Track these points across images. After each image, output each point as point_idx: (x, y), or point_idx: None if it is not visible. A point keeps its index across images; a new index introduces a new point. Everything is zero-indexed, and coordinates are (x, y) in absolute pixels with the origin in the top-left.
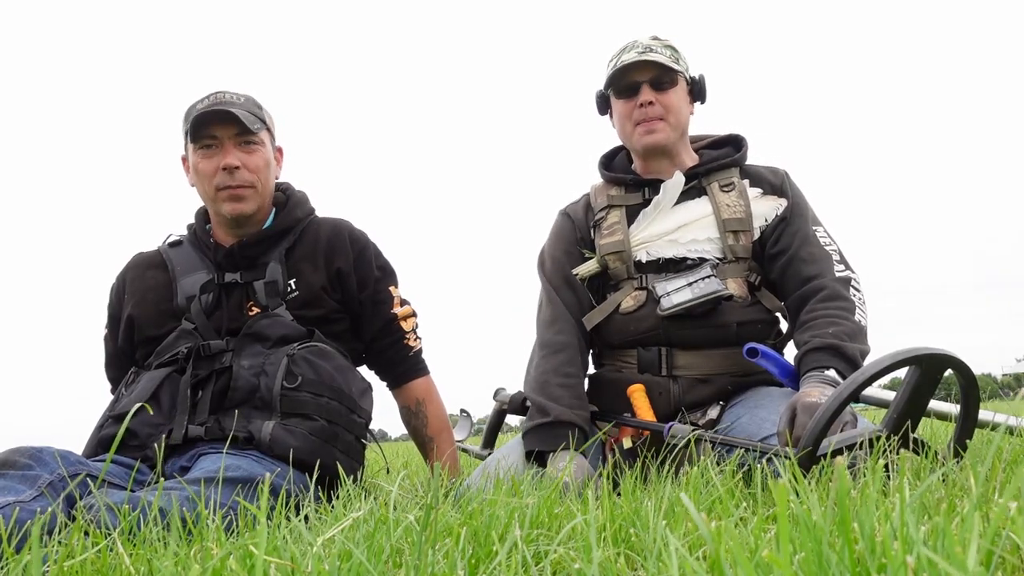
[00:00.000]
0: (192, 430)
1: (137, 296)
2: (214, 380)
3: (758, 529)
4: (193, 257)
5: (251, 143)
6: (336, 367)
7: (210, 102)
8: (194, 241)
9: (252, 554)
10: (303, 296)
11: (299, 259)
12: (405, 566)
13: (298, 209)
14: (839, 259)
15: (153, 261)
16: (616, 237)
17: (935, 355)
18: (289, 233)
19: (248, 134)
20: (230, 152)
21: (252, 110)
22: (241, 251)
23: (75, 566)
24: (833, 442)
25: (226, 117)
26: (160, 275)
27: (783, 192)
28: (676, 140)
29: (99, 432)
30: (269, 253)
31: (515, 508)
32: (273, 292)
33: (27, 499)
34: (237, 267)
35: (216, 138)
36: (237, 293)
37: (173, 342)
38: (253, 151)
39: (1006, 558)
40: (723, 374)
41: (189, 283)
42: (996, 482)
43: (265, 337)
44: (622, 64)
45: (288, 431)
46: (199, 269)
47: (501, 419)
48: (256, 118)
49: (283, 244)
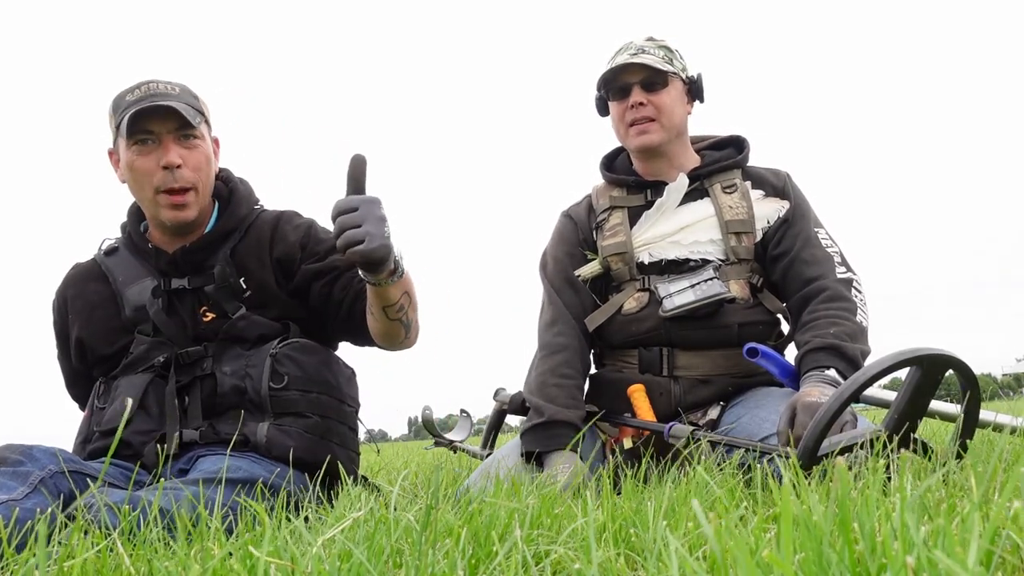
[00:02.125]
0: (187, 434)
1: (83, 315)
2: (199, 387)
3: (758, 529)
4: (133, 264)
5: (191, 137)
6: (321, 360)
7: (143, 93)
8: (131, 246)
9: (252, 555)
10: (256, 296)
11: (244, 256)
12: (405, 566)
13: (242, 206)
14: (840, 261)
15: (92, 273)
16: (618, 238)
17: (936, 355)
18: (234, 233)
19: (188, 128)
20: (170, 149)
21: (189, 101)
22: (185, 256)
23: (75, 566)
24: (833, 442)
25: (165, 112)
26: (102, 288)
27: (785, 194)
28: (670, 141)
29: (84, 447)
30: (215, 256)
31: (515, 508)
32: (228, 296)
33: (19, 496)
34: (183, 273)
35: (153, 133)
36: (188, 299)
37: (145, 354)
38: (194, 147)
39: (1006, 558)
40: (724, 375)
41: (134, 293)
42: (996, 482)
43: (243, 338)
44: (613, 66)
45: (283, 431)
46: (142, 277)
47: (501, 419)
48: (195, 111)
49: (228, 244)
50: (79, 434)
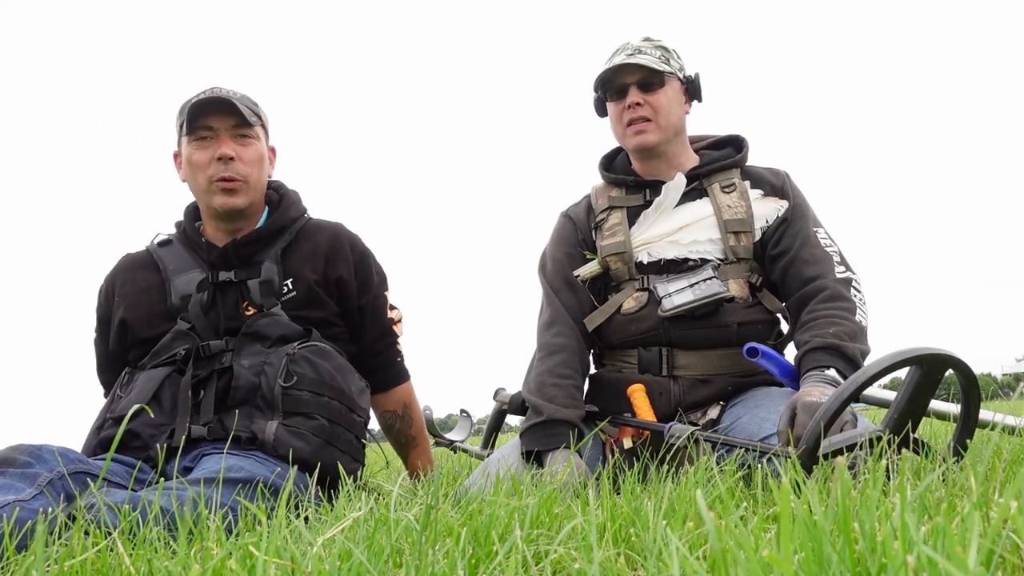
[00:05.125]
0: (195, 430)
1: (129, 299)
2: (215, 380)
3: (758, 529)
4: (185, 256)
5: (247, 136)
6: (336, 366)
7: (206, 95)
8: (184, 240)
9: (252, 554)
10: (301, 298)
11: (296, 261)
12: (405, 566)
13: (292, 209)
14: (840, 260)
15: (143, 262)
16: (617, 238)
17: (936, 355)
18: (284, 233)
19: (245, 126)
20: (226, 143)
21: (248, 104)
22: (235, 250)
23: (75, 566)
24: (833, 442)
25: (223, 106)
26: (152, 276)
27: (784, 193)
28: (668, 140)
29: (98, 434)
30: (264, 252)
31: (515, 508)
32: (268, 291)
33: (27, 498)
34: (231, 266)
35: (212, 129)
36: (232, 292)
37: (169, 343)
38: (248, 144)
39: (1006, 558)
40: (723, 374)
41: (183, 282)
42: (996, 482)
43: (264, 336)
44: (610, 67)
45: (291, 432)
46: (192, 268)
47: (501, 419)
48: (252, 112)
49: (278, 244)
50: (97, 419)
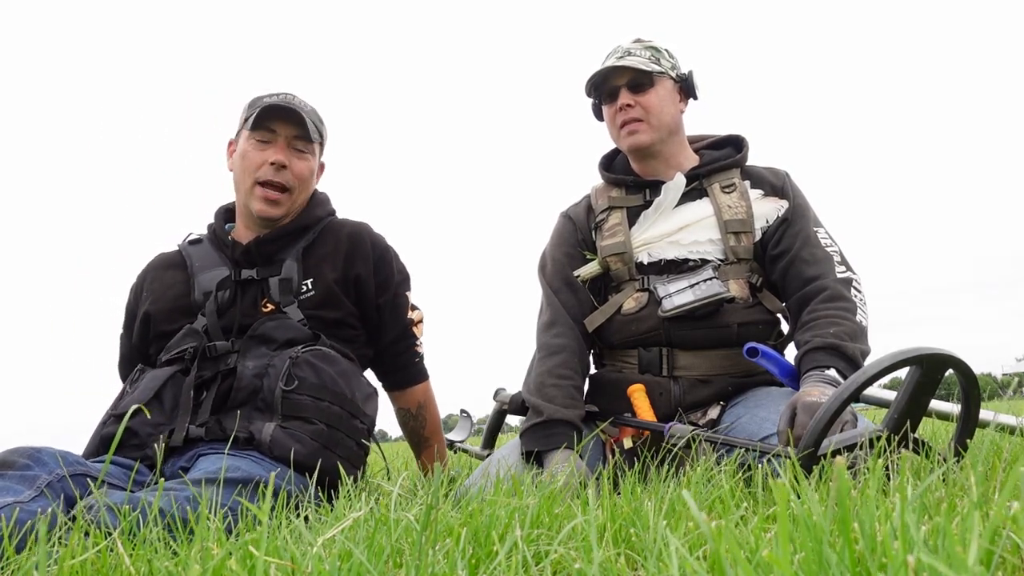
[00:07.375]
0: (193, 431)
1: (156, 293)
2: (219, 381)
3: (758, 529)
4: (212, 254)
5: (304, 150)
6: (339, 371)
7: (280, 99)
8: (213, 239)
9: (252, 554)
10: (320, 297)
11: (317, 259)
12: (405, 566)
13: (319, 208)
14: (840, 260)
15: (173, 261)
16: (617, 239)
17: (936, 355)
18: (307, 231)
19: (306, 140)
20: (282, 150)
21: (315, 120)
22: (258, 247)
23: (75, 566)
24: (833, 442)
25: (292, 116)
26: (179, 273)
27: (784, 193)
28: (662, 140)
29: (101, 430)
30: (286, 250)
31: (515, 508)
32: (287, 290)
33: (26, 499)
34: (254, 263)
35: (274, 132)
36: (252, 289)
37: (179, 340)
38: (303, 157)
39: (1006, 558)
40: (724, 374)
41: (206, 279)
42: (996, 482)
43: (271, 339)
44: (599, 71)
45: (288, 434)
46: (217, 265)
47: (501, 419)
48: (316, 129)
49: (301, 242)
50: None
